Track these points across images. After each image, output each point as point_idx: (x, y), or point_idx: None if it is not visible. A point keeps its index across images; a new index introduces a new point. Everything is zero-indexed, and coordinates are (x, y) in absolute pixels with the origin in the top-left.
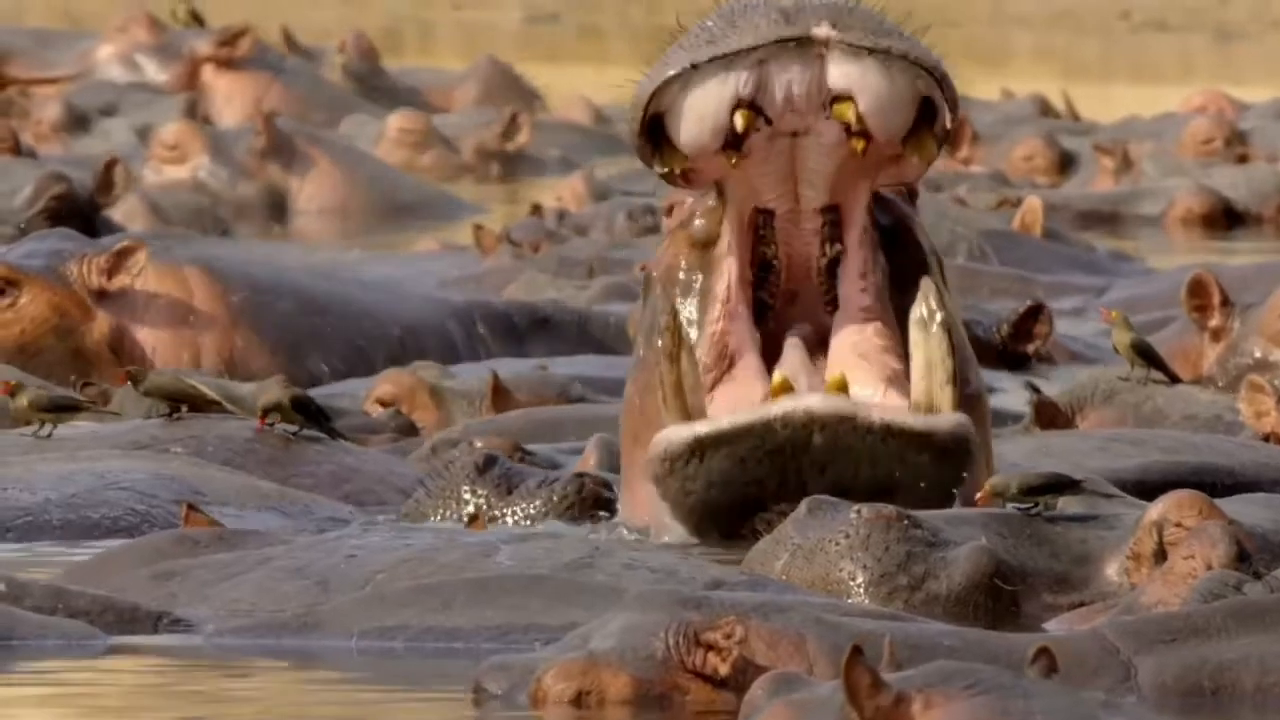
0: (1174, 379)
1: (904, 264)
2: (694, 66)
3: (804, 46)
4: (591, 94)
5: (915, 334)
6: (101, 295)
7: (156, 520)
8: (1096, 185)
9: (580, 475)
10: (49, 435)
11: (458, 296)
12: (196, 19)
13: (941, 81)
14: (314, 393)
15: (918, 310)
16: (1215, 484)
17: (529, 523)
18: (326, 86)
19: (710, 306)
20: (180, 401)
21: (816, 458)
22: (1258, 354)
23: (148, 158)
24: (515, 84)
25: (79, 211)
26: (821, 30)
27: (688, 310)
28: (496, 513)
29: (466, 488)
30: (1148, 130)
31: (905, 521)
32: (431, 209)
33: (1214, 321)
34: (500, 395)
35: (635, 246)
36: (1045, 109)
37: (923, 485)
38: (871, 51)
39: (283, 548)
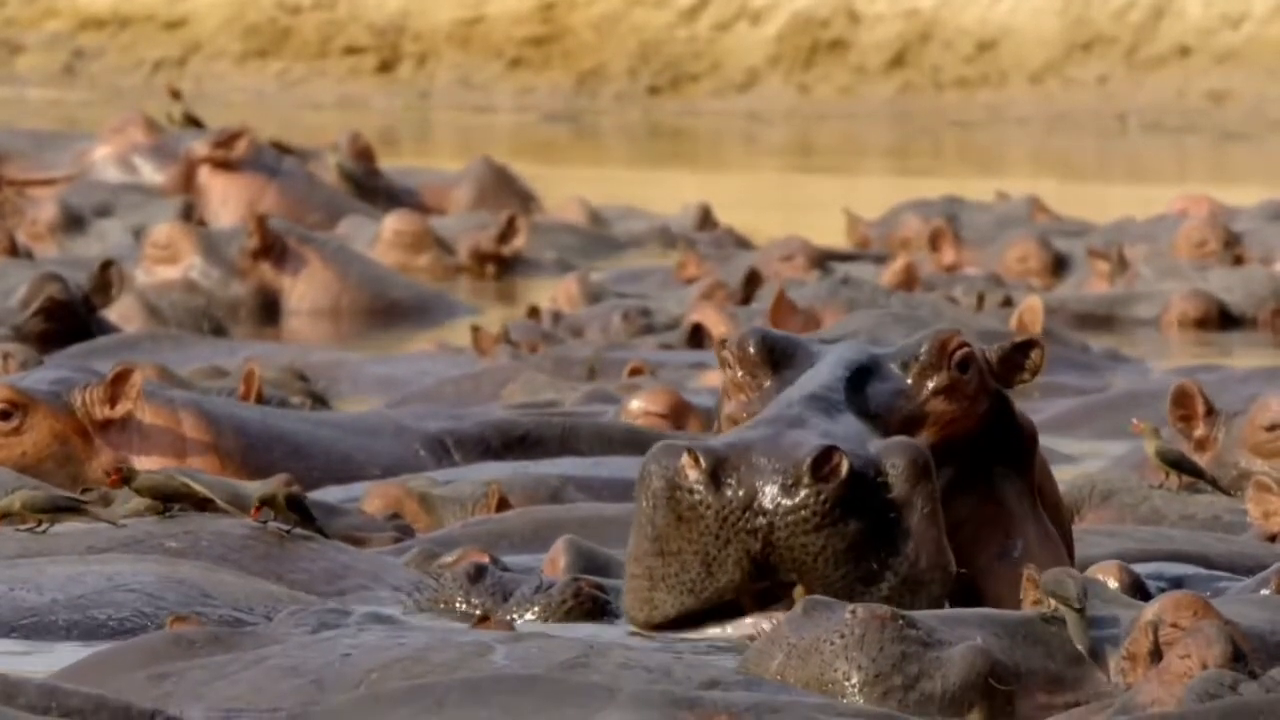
0: (1212, 483)
1: None
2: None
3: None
4: (588, 194)
5: None
6: (105, 425)
7: (163, 623)
8: (1090, 287)
9: (575, 579)
10: (44, 531)
11: (432, 423)
12: (193, 121)
13: None
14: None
15: None
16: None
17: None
18: (323, 188)
19: None
20: (173, 500)
21: None
22: (1242, 464)
23: (140, 258)
24: (511, 185)
25: (74, 313)
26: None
27: None
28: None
29: (460, 598)
30: (1141, 232)
31: (900, 621)
32: (425, 309)
33: (1199, 432)
34: (503, 507)
35: (631, 347)
36: (1040, 210)
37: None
38: None
39: (278, 647)
